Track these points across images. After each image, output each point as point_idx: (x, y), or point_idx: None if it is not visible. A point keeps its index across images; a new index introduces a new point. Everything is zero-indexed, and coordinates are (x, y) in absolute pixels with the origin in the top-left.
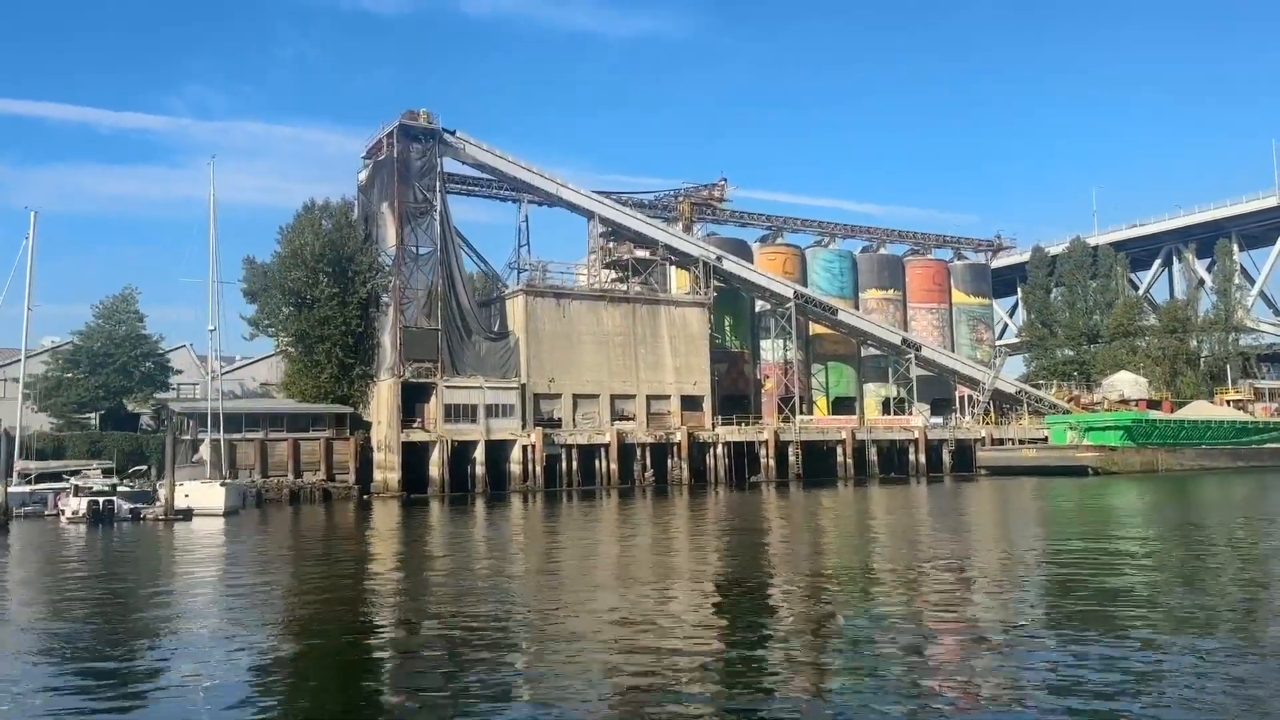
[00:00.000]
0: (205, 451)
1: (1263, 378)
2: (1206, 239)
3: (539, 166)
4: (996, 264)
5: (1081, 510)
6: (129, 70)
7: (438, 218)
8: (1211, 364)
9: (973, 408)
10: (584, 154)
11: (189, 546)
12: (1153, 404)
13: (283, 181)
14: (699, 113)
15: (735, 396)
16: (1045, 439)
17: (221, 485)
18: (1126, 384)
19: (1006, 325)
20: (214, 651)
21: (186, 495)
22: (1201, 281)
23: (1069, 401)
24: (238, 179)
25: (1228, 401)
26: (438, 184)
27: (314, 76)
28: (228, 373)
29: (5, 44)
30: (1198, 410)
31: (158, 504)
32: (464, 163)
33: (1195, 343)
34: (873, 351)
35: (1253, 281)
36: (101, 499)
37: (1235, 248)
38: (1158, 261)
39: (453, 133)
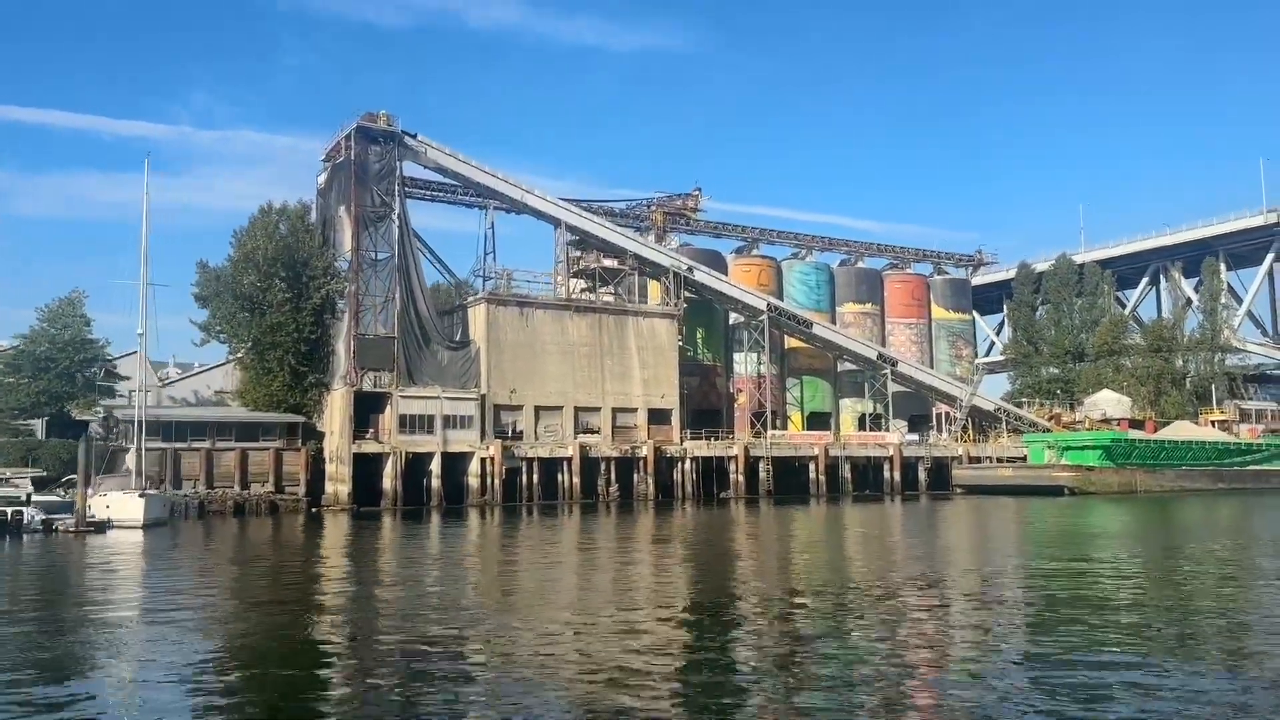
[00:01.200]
0: (130, 460)
1: (1249, 398)
2: (1193, 257)
3: (504, 172)
4: (982, 280)
5: (1048, 533)
6: (132, 78)
7: (396, 222)
8: (1197, 384)
9: (950, 425)
10: (585, 168)
11: (78, 562)
12: (1135, 424)
13: (282, 190)
14: (695, 127)
15: (707, 410)
16: (1024, 458)
17: (140, 496)
18: (1109, 403)
19: (993, 343)
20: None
21: (108, 506)
22: (1189, 301)
23: (1050, 420)
24: (238, 187)
25: (1213, 422)
26: (396, 187)
27: (317, 87)
28: (182, 379)
29: (8, 51)
30: (1179, 430)
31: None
32: (426, 166)
33: (1181, 362)
34: (849, 366)
35: (1240, 301)
36: (10, 509)
37: (1222, 267)
38: (1145, 280)
39: (414, 135)
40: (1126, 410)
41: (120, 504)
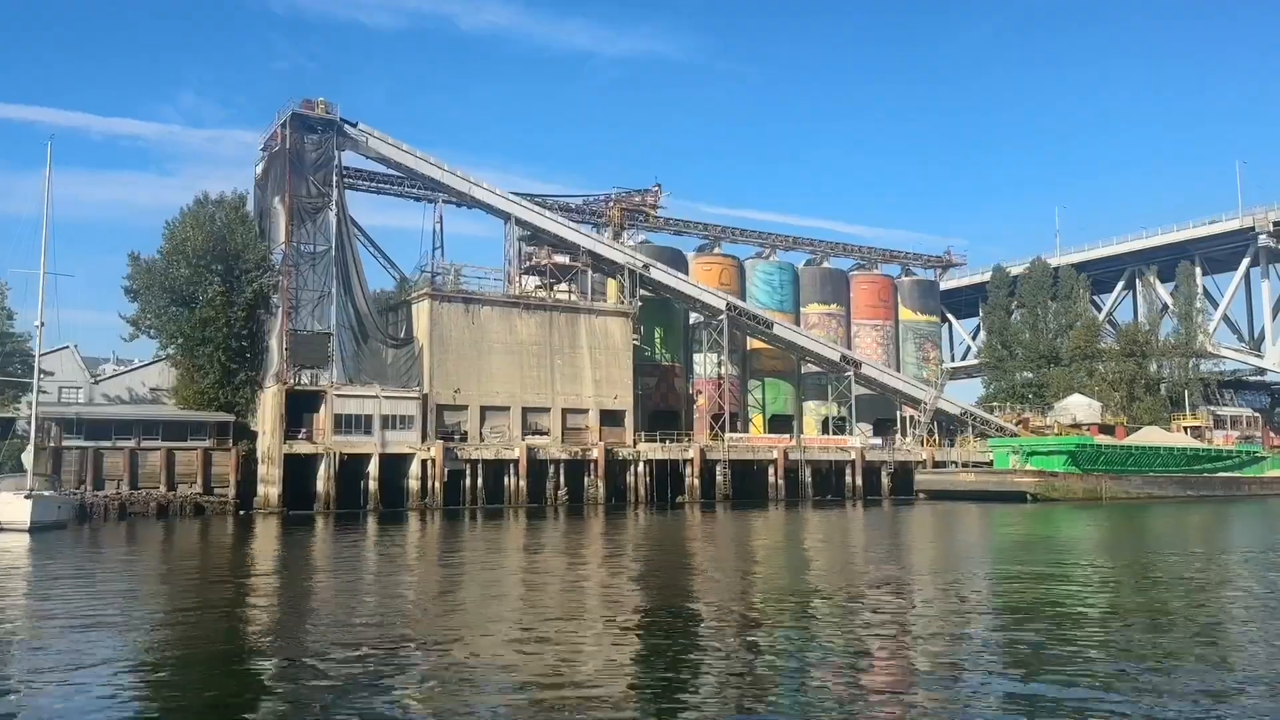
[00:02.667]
0: (27, 459)
1: (1225, 404)
2: (1169, 261)
3: (450, 163)
4: (957, 284)
5: (997, 545)
6: (122, 78)
7: (334, 214)
8: (1172, 389)
9: (914, 428)
10: (577, 169)
11: None
12: (1105, 429)
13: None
14: (681, 132)
15: (665, 412)
16: (990, 463)
17: (26, 497)
18: (1079, 408)
19: (970, 347)
20: None
21: None
22: (1166, 306)
23: (1018, 424)
24: (228, 188)
25: (1186, 428)
26: (334, 178)
27: (308, 89)
28: (115, 376)
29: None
30: (1148, 436)
31: None
32: (367, 156)
33: (1155, 367)
34: (813, 368)
35: (1216, 305)
36: None
37: (1198, 271)
38: (1120, 284)
39: (354, 124)
40: (1097, 415)
41: (5, 505)
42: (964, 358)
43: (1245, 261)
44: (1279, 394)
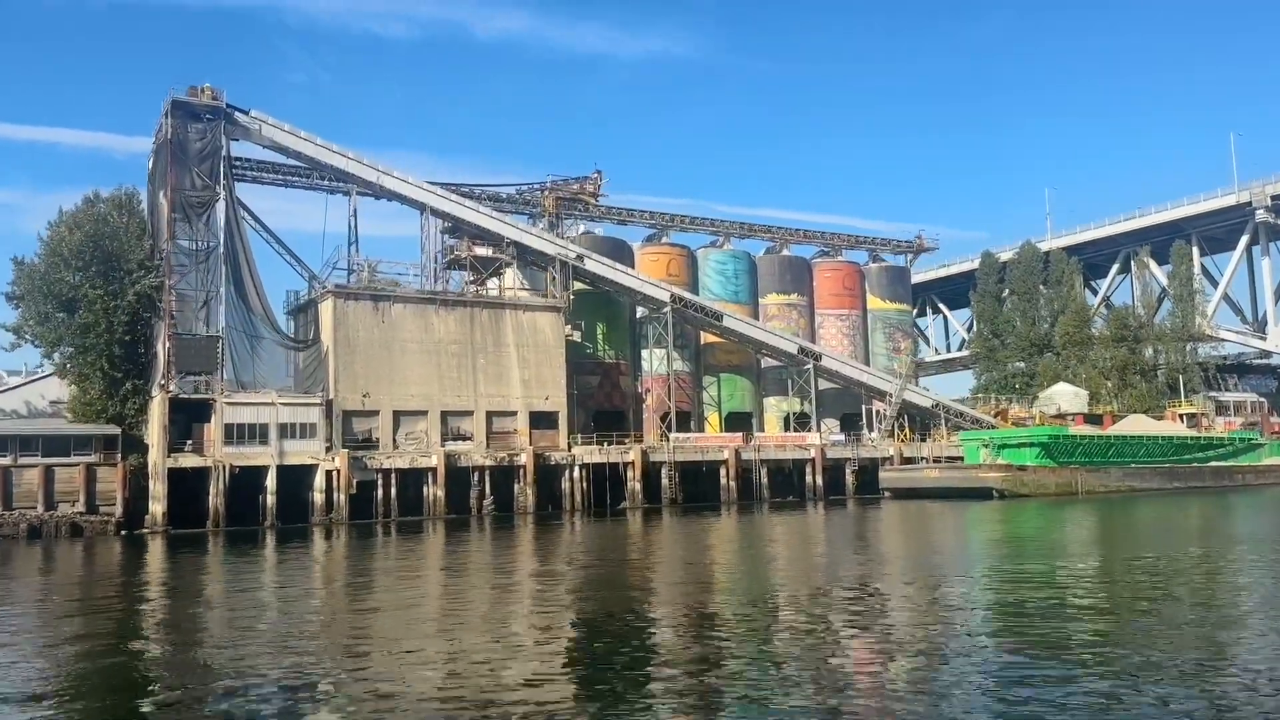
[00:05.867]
0: None
1: (1229, 389)
2: (1165, 241)
3: (357, 151)
4: (947, 272)
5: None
6: (142, 96)
7: (223, 207)
8: (1169, 375)
9: (879, 422)
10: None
11: None
12: (1092, 418)
13: (288, 204)
14: (695, 133)
15: (610, 412)
16: (961, 457)
17: None
18: (1065, 397)
19: (964, 339)
20: None
21: None
22: (1163, 289)
23: (995, 415)
24: (249, 200)
25: (1181, 415)
26: (222, 168)
27: (325, 101)
28: (11, 390)
29: (18, 70)
30: (1133, 425)
31: None
32: (263, 146)
33: (1151, 352)
34: (772, 363)
35: (1215, 285)
36: None
37: (1195, 251)
38: (1115, 267)
39: (246, 111)
40: (1084, 404)
41: None
42: (960, 349)
43: (1244, 239)
44: None
